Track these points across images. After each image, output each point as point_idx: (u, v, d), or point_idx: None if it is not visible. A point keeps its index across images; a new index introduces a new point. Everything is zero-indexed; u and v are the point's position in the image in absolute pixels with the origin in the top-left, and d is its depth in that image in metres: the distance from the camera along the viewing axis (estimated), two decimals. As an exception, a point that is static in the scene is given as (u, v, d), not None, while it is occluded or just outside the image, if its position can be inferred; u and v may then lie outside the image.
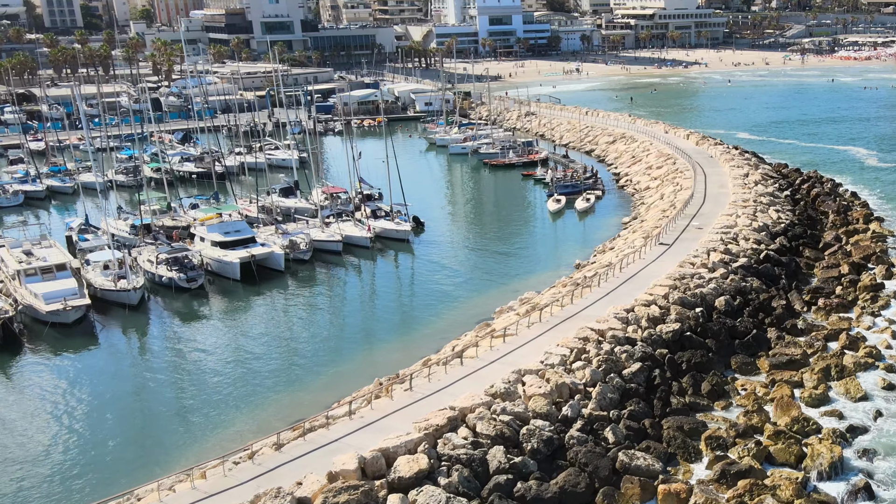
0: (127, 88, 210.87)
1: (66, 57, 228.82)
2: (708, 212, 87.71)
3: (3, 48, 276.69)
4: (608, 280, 67.79)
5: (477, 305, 72.17)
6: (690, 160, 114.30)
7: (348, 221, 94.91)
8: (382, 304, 75.54)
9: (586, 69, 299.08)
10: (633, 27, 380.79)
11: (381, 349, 64.31)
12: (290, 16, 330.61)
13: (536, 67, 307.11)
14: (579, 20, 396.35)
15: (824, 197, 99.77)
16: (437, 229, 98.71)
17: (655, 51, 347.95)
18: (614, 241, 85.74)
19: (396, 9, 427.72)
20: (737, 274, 69.32)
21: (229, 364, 62.72)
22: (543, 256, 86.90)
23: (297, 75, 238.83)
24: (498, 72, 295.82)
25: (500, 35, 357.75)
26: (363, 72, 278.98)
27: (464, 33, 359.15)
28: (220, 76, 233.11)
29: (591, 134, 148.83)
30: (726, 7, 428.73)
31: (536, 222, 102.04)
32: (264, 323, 72.03)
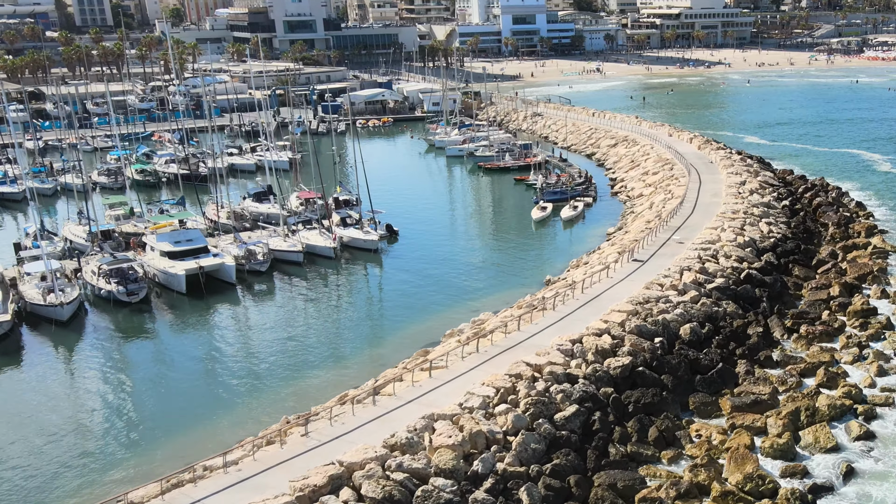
0: (133, 87, 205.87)
1: (80, 55, 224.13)
2: (695, 223, 79.97)
3: (25, 45, 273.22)
4: (566, 302, 60.43)
5: (430, 327, 65.02)
6: (689, 166, 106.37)
7: (314, 230, 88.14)
8: (331, 324, 68.57)
9: (608, 69, 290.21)
10: (659, 27, 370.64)
11: (312, 378, 57.38)
12: (312, 15, 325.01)
13: (557, 67, 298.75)
14: (604, 20, 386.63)
15: (826, 207, 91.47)
16: (412, 238, 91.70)
17: (680, 50, 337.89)
18: (591, 255, 78.22)
19: (423, 8, 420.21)
20: (710, 297, 61.65)
21: (146, 392, 56.22)
22: (516, 270, 79.54)
23: (310, 74, 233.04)
24: (519, 71, 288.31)
25: (523, 34, 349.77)
26: (381, 71, 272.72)
27: (487, 32, 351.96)
28: (232, 74, 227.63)
29: (594, 136, 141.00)
30: (755, 7, 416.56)
31: (518, 231, 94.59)
32: (200, 342, 65.50)
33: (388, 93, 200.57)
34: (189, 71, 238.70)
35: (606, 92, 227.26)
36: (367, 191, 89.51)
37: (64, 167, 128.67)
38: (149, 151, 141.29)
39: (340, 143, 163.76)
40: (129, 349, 64.73)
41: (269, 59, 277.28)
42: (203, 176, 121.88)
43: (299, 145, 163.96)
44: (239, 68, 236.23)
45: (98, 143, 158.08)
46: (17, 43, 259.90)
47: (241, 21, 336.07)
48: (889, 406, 50.09)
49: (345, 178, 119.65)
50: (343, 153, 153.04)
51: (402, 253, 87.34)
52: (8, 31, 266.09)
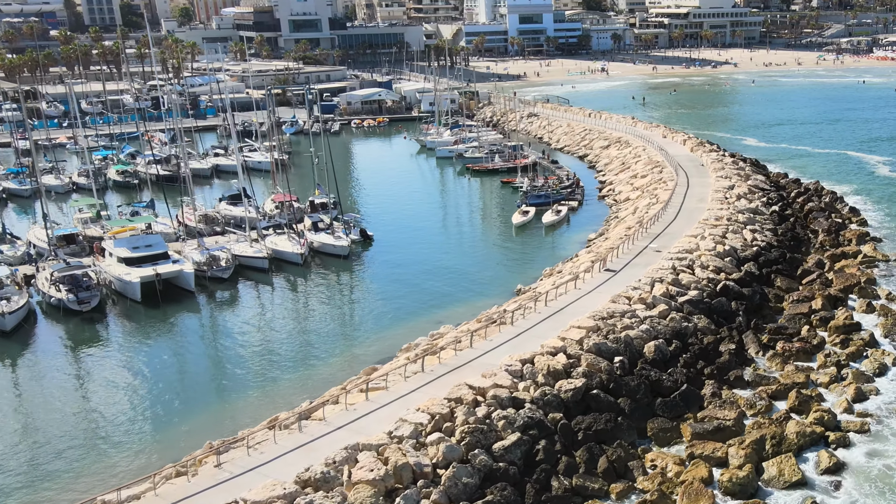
0: (129, 86, 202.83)
1: (78, 54, 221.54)
2: (676, 230, 75.78)
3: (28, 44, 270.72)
4: (527, 316, 56.43)
5: (389, 340, 61.21)
6: (678, 169, 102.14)
7: (284, 235, 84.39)
8: (286, 336, 64.53)
9: (613, 69, 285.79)
10: (667, 26, 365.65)
11: (254, 396, 53.55)
12: (317, 14, 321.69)
13: (563, 67, 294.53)
14: (612, 19, 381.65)
15: (817, 213, 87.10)
16: (387, 243, 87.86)
17: (688, 50, 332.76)
18: (566, 263, 74.15)
19: (430, 7, 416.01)
20: (681, 311, 57.53)
21: (69, 410, 52.48)
22: (491, 277, 75.46)
23: (309, 73, 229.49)
24: (523, 71, 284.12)
25: (529, 34, 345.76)
26: (384, 70, 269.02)
27: (493, 32, 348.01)
28: (231, 74, 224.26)
29: (588, 138, 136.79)
30: (765, 6, 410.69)
31: (498, 237, 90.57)
32: (146, 356, 61.64)
33: (385, 92, 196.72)
34: (188, 70, 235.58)
35: (609, 92, 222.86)
36: (338, 194, 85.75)
37: (43, 167, 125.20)
38: (133, 152, 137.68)
39: (334, 144, 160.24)
40: (68, 362, 61.00)
41: (272, 58, 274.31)
42: (185, 177, 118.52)
43: (294, 145, 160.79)
44: (238, 67, 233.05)
45: (89, 143, 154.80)
46: (17, 42, 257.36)
47: (247, 20, 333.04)
48: (864, 433, 45.94)
49: (324, 181, 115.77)
50: (329, 154, 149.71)
51: (375, 259, 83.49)
52: (8, 31, 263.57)
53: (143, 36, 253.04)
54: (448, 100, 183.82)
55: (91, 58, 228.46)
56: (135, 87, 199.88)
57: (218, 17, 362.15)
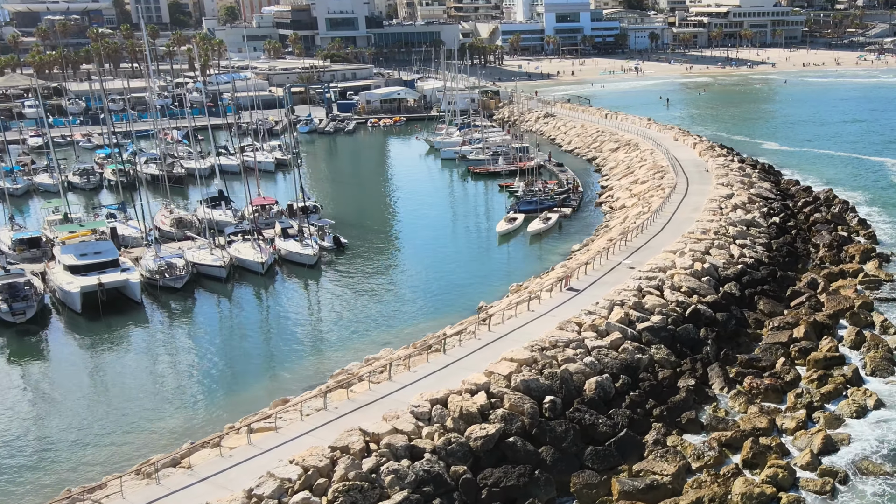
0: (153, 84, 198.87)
1: (108, 51, 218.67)
2: (658, 244, 68.34)
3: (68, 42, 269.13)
4: (465, 343, 49.73)
5: (325, 364, 55.15)
6: (681, 175, 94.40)
7: (248, 242, 78.47)
8: (217, 356, 58.17)
9: (648, 68, 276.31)
10: (707, 25, 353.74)
11: (156, 429, 47.54)
12: (354, 12, 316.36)
13: (597, 66, 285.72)
14: (651, 18, 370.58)
15: (821, 225, 78.88)
16: (361, 251, 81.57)
17: (726, 50, 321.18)
18: (537, 279, 67.21)
19: (471, 6, 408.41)
20: (638, 340, 50.36)
21: None
22: (460, 292, 68.58)
23: (335, 71, 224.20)
24: (558, 69, 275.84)
25: (566, 32, 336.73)
26: (414, 69, 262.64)
27: (530, 30, 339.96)
28: (257, 72, 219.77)
29: (599, 140, 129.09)
30: (809, 5, 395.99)
31: (480, 246, 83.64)
32: (69, 373, 56.17)
33: (406, 91, 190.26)
34: (216, 68, 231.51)
35: (637, 92, 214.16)
36: (304, 198, 79.78)
37: (36, 166, 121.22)
38: (135, 150, 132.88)
39: (344, 144, 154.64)
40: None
41: (304, 56, 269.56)
42: (179, 177, 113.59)
43: (307, 144, 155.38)
44: (265, 65, 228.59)
45: (102, 140, 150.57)
46: (56, 39, 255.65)
47: (286, 19, 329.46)
48: (824, 495, 38.61)
49: (316, 184, 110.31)
50: (338, 154, 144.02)
51: (344, 268, 77.20)
52: (39, 28, 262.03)
53: (172, 34, 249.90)
54: (467, 99, 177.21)
55: (121, 55, 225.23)
56: (157, 85, 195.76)
57: (258, 16, 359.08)
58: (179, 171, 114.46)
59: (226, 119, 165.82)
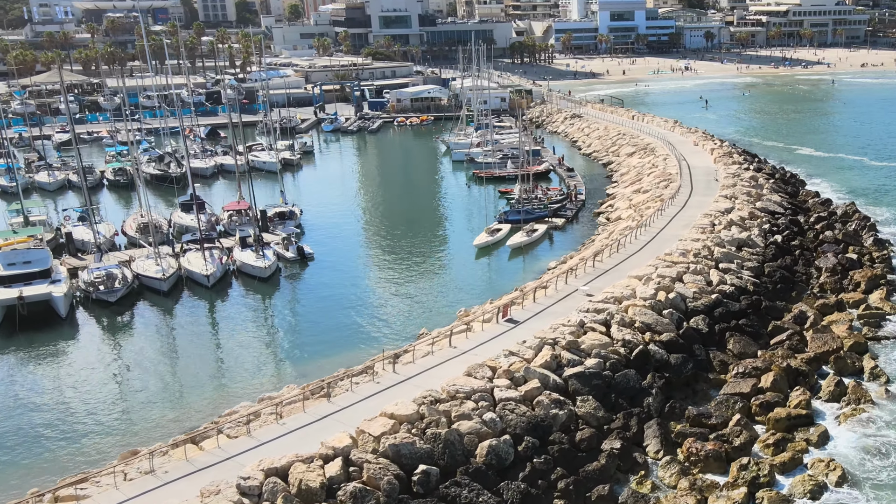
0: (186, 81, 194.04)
1: (154, 48, 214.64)
2: (632, 266, 59.09)
3: (127, 39, 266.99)
4: (358, 388, 41.54)
5: (225, 401, 47.42)
6: (686, 184, 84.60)
7: (199, 251, 71.24)
8: (118, 389, 51.02)
9: (699, 67, 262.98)
10: (765, 24, 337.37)
11: (54, 458, 40.61)
12: (407, 10, 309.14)
13: (647, 65, 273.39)
14: (708, 17, 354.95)
15: (829, 245, 68.42)
16: (327, 263, 73.78)
17: (784, 49, 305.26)
18: (491, 304, 58.57)
19: (529, 4, 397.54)
20: (562, 390, 41.52)
21: None
22: (408, 316, 60.18)
23: (374, 69, 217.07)
24: (606, 68, 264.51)
25: (620, 31, 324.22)
26: (460, 67, 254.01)
27: (583, 29, 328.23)
28: (297, 69, 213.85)
29: (618, 143, 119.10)
30: (874, 4, 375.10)
31: (455, 261, 74.70)
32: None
33: (436, 90, 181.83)
34: (258, 65, 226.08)
35: (680, 92, 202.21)
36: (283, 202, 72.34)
37: (36, 164, 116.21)
38: (149, 148, 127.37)
39: (362, 143, 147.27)
40: None
41: (351, 53, 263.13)
42: (175, 177, 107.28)
43: (326, 144, 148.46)
44: (306, 63, 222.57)
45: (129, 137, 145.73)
46: (115, 36, 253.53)
47: (342, 16, 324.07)
48: None
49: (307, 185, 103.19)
50: (352, 154, 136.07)
51: (303, 283, 69.56)
52: (89, 25, 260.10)
53: (218, 31, 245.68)
54: (498, 98, 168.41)
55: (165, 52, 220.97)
56: (193, 82, 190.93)
57: (316, 14, 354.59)
58: (176, 171, 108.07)
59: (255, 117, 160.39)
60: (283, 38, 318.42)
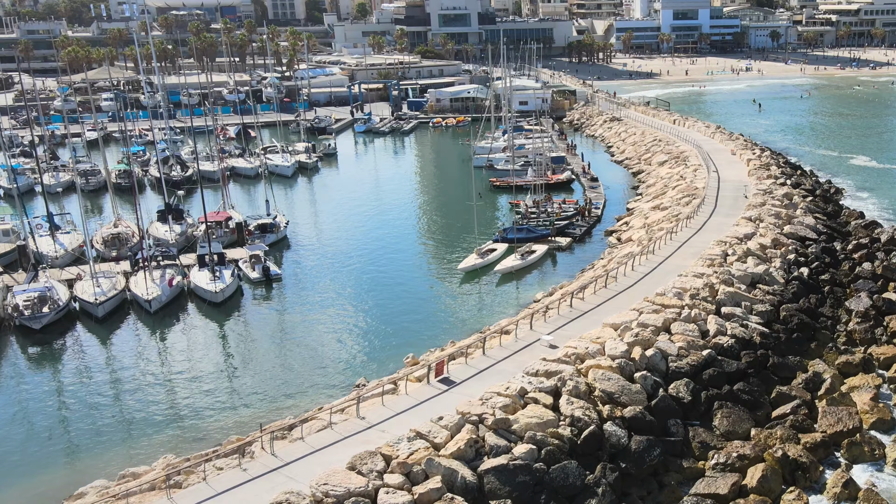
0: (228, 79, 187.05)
1: (204, 46, 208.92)
2: (615, 307, 48.08)
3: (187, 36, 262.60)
4: (221, 474, 31.89)
5: (108, 469, 38.42)
6: (710, 201, 72.81)
7: (157, 269, 62.51)
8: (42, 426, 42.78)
9: (762, 68, 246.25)
10: (835, 23, 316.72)
11: None
12: (467, 8, 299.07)
13: (707, 64, 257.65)
14: (775, 16, 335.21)
15: (864, 282, 56.13)
16: (297, 286, 64.52)
17: (853, 50, 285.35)
18: (448, 346, 48.35)
19: (593, 3, 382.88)
20: (474, 490, 31.10)
21: None
22: (353, 362, 50.07)
23: (421, 68, 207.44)
24: (662, 68, 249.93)
25: (683, 30, 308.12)
26: (515, 66, 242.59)
27: (645, 28, 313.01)
28: (343, 67, 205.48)
29: (653, 150, 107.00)
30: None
31: (437, 287, 64.01)
32: None
33: (476, 89, 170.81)
34: (306, 63, 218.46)
35: (735, 94, 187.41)
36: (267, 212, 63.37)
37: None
38: (165, 149, 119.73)
39: (398, 144, 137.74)
40: None
41: (404, 52, 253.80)
42: (177, 181, 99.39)
43: (353, 145, 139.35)
44: (353, 61, 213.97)
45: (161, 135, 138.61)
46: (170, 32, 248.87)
47: (403, 14, 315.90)
48: None
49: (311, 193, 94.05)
50: (375, 157, 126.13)
51: (260, 310, 60.32)
52: (141, 23, 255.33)
53: (269, 28, 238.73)
54: (539, 99, 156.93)
55: (216, 50, 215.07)
56: (234, 80, 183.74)
57: (378, 12, 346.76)
58: (178, 175, 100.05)
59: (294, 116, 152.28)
60: (345, 36, 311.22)
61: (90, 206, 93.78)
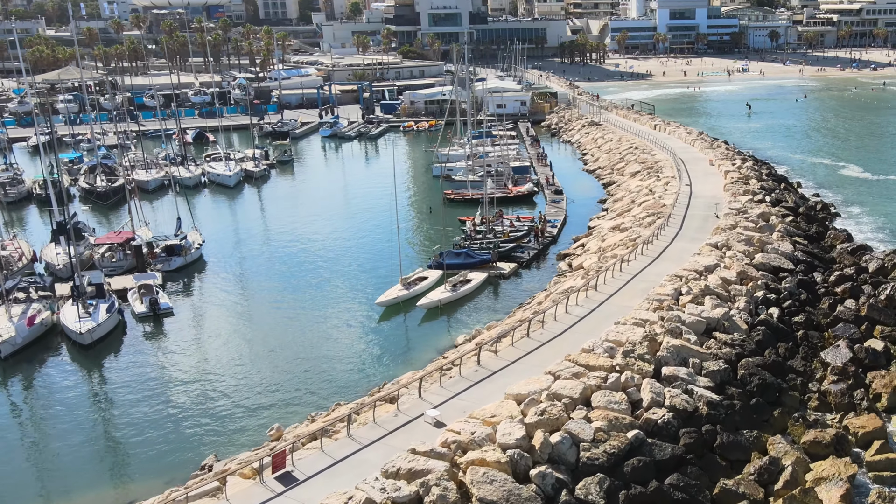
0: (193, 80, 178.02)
1: (176, 46, 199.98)
2: (531, 366, 38.70)
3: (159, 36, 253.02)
4: None
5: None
6: (675, 222, 63.41)
7: (20, 304, 53.46)
8: None
9: (757, 69, 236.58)
10: (836, 23, 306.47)
11: None
12: (457, 7, 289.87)
13: (703, 65, 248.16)
14: (774, 15, 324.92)
15: (845, 326, 46.59)
16: (188, 323, 55.34)
17: (854, 50, 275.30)
18: (330, 413, 39.17)
19: (590, 2, 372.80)
20: None
21: None
22: (202, 440, 40.80)
23: (401, 69, 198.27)
24: (651, 69, 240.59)
25: (680, 30, 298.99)
26: (501, 66, 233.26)
27: (641, 28, 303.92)
28: (319, 68, 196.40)
29: (627, 159, 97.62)
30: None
31: (353, 326, 54.49)
32: None
33: (452, 91, 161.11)
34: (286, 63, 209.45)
35: (727, 96, 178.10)
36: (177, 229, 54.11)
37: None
38: (109, 154, 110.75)
39: (360, 149, 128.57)
40: None
41: (386, 52, 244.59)
42: (102, 192, 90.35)
43: (312, 150, 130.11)
44: (330, 61, 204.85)
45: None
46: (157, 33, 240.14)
47: (392, 14, 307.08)
48: None
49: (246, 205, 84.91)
50: (329, 163, 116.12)
51: (133, 354, 50.99)
52: (113, 20, 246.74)
53: (244, 27, 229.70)
54: (518, 102, 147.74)
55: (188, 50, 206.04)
56: (199, 81, 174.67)
57: (368, 11, 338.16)
58: (103, 186, 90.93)
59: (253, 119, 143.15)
60: (334, 35, 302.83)
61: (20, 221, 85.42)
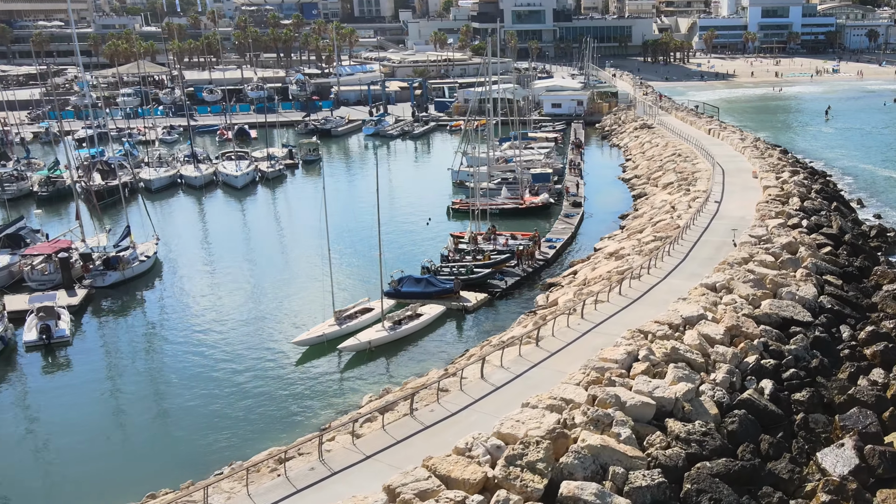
0: (253, 75, 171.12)
1: (247, 41, 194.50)
2: (441, 442, 27.85)
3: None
4: None
5: None
6: (683, 249, 51.00)
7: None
8: None
9: (853, 70, 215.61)
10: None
11: None
12: (541, 5, 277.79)
13: (792, 65, 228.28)
14: (875, 14, 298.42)
15: (857, 416, 33.72)
16: (92, 354, 46.70)
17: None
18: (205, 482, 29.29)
19: (683, 1, 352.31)
20: None
21: None
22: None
23: (467, 65, 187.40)
24: (751, 70, 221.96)
25: (772, 28, 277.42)
26: (577, 65, 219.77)
27: (729, 26, 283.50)
28: (384, 64, 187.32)
29: (665, 168, 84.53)
30: None
31: (266, 373, 44.12)
32: None
33: (509, 90, 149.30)
34: (348, 59, 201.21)
35: (809, 99, 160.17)
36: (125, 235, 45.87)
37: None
38: (129, 151, 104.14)
39: (396, 149, 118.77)
40: None
41: (462, 48, 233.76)
42: (98, 191, 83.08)
43: (347, 149, 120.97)
44: (397, 57, 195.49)
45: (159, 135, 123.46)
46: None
47: (476, 11, 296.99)
48: None
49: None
50: (357, 164, 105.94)
51: (14, 389, 42.46)
52: (190, 15, 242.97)
53: (314, 23, 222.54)
54: (574, 101, 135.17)
55: (262, 45, 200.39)
56: (257, 77, 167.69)
57: (455, 9, 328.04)
58: (99, 185, 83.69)
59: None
60: (419, 32, 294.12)
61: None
